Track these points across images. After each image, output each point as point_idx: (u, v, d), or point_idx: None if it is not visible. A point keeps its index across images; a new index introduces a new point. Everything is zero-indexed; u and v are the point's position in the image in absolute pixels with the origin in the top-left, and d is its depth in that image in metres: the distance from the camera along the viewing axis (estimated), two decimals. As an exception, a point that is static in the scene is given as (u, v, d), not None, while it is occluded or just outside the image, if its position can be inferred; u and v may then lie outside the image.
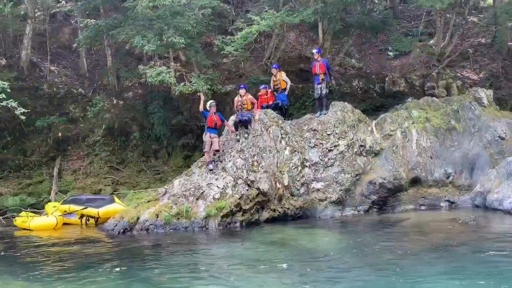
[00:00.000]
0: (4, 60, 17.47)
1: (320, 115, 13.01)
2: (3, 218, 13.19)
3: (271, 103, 13.23)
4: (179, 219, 10.64)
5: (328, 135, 12.45)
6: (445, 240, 8.50)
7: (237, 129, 12.07)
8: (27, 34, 17.07)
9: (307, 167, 12.13)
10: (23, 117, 13.64)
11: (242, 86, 12.64)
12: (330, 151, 12.26)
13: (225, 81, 17.32)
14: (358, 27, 16.55)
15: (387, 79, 17.06)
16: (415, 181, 12.41)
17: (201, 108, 11.76)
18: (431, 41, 18.50)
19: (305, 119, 13.18)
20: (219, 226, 10.58)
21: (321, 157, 12.18)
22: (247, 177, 11.22)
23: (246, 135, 11.94)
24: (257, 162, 11.52)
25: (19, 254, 9.02)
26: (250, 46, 17.73)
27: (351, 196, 12.02)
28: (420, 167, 12.46)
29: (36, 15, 18.40)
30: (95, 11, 18.14)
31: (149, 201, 11.28)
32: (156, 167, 16.27)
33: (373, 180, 12.05)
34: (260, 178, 11.27)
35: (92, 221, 12.29)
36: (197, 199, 10.96)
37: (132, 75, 16.79)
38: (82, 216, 12.37)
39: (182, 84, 14.55)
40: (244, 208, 10.96)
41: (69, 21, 20.31)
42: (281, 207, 11.52)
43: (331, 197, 11.81)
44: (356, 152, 12.43)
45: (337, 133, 12.45)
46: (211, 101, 11.96)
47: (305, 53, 18.25)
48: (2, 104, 13.08)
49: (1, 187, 14.85)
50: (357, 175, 12.15)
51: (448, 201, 12.26)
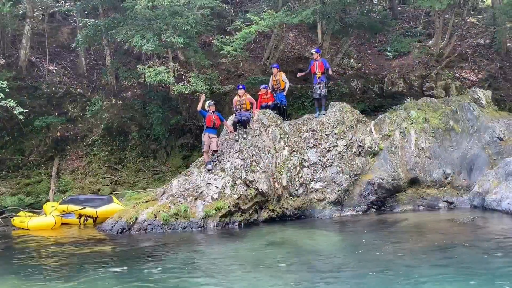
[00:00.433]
0: (2, 59, 17.43)
1: (319, 115, 13.01)
2: (1, 218, 13.19)
3: (270, 103, 13.25)
4: (177, 219, 10.63)
5: (326, 135, 12.45)
6: (443, 240, 8.50)
7: (235, 129, 12.07)
8: (26, 33, 17.04)
9: (305, 167, 12.13)
10: (21, 117, 13.65)
11: (240, 86, 12.63)
12: (328, 151, 12.27)
13: (224, 81, 17.32)
14: (357, 28, 16.57)
15: (386, 79, 17.07)
16: (414, 182, 12.42)
17: (199, 107, 11.73)
18: (430, 42, 18.52)
19: (304, 119, 13.19)
20: (217, 226, 10.58)
21: (319, 158, 12.18)
22: (245, 177, 11.21)
23: (245, 135, 11.94)
24: (256, 162, 11.52)
25: (17, 254, 9.01)
26: (249, 46, 17.76)
27: (349, 196, 12.03)
28: (418, 167, 12.47)
29: (35, 14, 18.37)
30: (94, 11, 18.13)
31: (147, 201, 11.28)
32: (154, 167, 16.26)
33: (372, 180, 12.06)
34: (258, 178, 11.27)
35: (90, 221, 12.28)
36: (196, 199, 10.96)
37: (131, 75, 16.77)
38: (80, 216, 12.36)
39: (181, 84, 14.56)
40: (242, 208, 10.96)
41: (68, 20, 20.29)
42: (280, 207, 11.52)
43: (329, 198, 11.81)
44: (354, 152, 12.44)
45: (335, 134, 12.45)
46: (209, 101, 11.96)
47: (304, 53, 18.26)
48: (0, 103, 13.07)
49: (0, 187, 14.84)
50: (355, 175, 12.15)
51: (446, 201, 12.27)
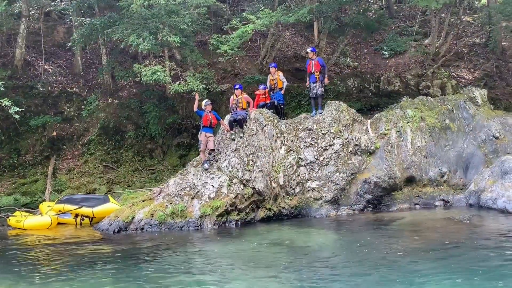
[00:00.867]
0: (-2, 58, 17.39)
1: (315, 114, 13.02)
2: (-3, 217, 13.14)
3: (267, 102, 13.26)
4: (174, 218, 10.62)
5: (323, 134, 12.47)
6: (439, 238, 8.53)
7: (232, 128, 12.06)
8: (22, 32, 16.97)
9: (302, 166, 12.15)
10: (17, 116, 13.62)
11: (237, 86, 12.63)
12: (325, 150, 12.28)
13: (220, 80, 17.31)
14: (353, 27, 16.60)
15: (382, 78, 17.11)
16: (410, 180, 12.45)
17: (195, 108, 11.71)
18: (426, 41, 18.58)
19: (301, 118, 13.20)
20: (214, 225, 10.57)
21: (316, 156, 12.20)
22: (242, 177, 11.21)
23: (241, 134, 11.94)
24: (253, 161, 11.52)
25: (13, 254, 8.97)
26: (245, 45, 17.76)
27: (346, 195, 12.04)
28: (414, 166, 12.50)
29: (30, 13, 18.30)
30: (90, 10, 18.08)
31: (144, 201, 11.26)
32: (151, 166, 16.24)
33: (368, 179, 12.08)
34: (255, 177, 11.27)
35: (86, 220, 12.25)
36: (192, 198, 10.95)
37: (127, 74, 16.74)
38: (76, 215, 12.33)
39: (177, 83, 14.53)
40: (239, 207, 10.96)
41: (64, 19, 20.22)
42: (277, 206, 11.53)
43: (326, 196, 11.83)
44: (351, 151, 12.46)
45: (332, 133, 12.46)
46: (206, 100, 11.94)
47: (300, 52, 18.28)
48: (-4, 103, 13.03)
49: (-5, 186, 14.81)
50: (352, 174, 12.17)
51: (442, 200, 12.30)
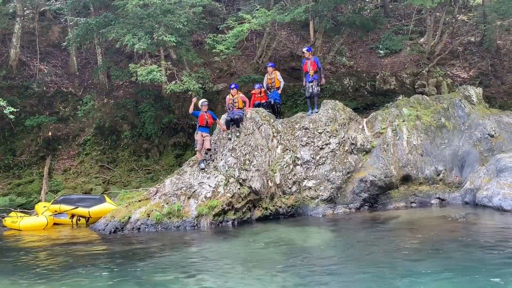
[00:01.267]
0: (-8, 58, 17.31)
1: (311, 113, 13.04)
2: (-8, 218, 13.07)
3: (263, 102, 13.25)
4: (170, 218, 10.61)
5: (319, 133, 12.48)
6: (435, 236, 8.56)
7: (228, 128, 12.06)
8: (16, 32, 16.90)
9: (298, 165, 12.16)
10: (12, 117, 13.55)
11: (233, 85, 12.61)
12: (321, 149, 12.30)
13: (216, 79, 17.30)
14: (349, 26, 16.62)
15: (377, 77, 17.14)
16: (406, 179, 12.48)
17: (191, 110, 11.61)
18: (421, 40, 18.63)
19: (297, 117, 13.21)
20: (211, 225, 10.57)
21: (312, 155, 12.21)
22: (239, 176, 11.21)
23: (237, 134, 11.93)
24: (249, 160, 11.52)
25: (8, 255, 8.94)
26: (241, 44, 17.75)
27: (342, 194, 12.06)
28: (410, 164, 12.54)
29: (25, 13, 18.22)
30: (85, 9, 18.03)
31: (140, 201, 11.24)
32: (147, 166, 16.22)
33: (364, 178, 12.10)
34: (252, 176, 11.27)
35: (83, 220, 12.22)
36: (189, 198, 10.94)
37: (122, 74, 16.71)
38: (72, 216, 12.29)
39: (173, 82, 14.51)
40: (236, 206, 10.96)
41: (59, 19, 20.14)
42: (273, 206, 11.54)
43: (322, 195, 11.84)
44: (347, 150, 12.48)
45: (328, 131, 12.48)
46: (202, 100, 11.92)
47: (296, 51, 18.29)
48: (-10, 103, 12.96)
49: (-9, 187, 14.74)
50: (348, 173, 12.19)
51: (438, 198, 12.34)
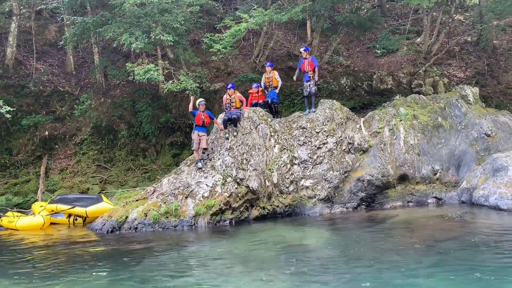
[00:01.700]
0: (-12, 58, 17.23)
1: (308, 112, 13.05)
2: (-11, 218, 13.01)
3: (261, 101, 13.26)
4: (168, 217, 10.60)
5: (316, 132, 12.50)
6: (432, 236, 8.59)
7: (226, 127, 12.06)
8: (13, 31, 16.83)
9: (296, 164, 12.17)
10: (8, 116, 13.50)
11: (229, 85, 12.59)
12: (318, 148, 12.32)
13: (213, 78, 17.29)
14: (346, 25, 16.65)
15: (374, 76, 17.18)
16: (403, 178, 12.52)
17: (190, 108, 11.65)
18: (418, 39, 18.67)
19: (294, 117, 13.23)
20: (208, 224, 10.57)
21: (310, 155, 12.23)
22: (236, 175, 11.22)
23: (235, 133, 11.94)
24: (246, 160, 11.53)
25: (5, 255, 8.91)
26: (238, 44, 17.74)
27: (339, 193, 12.09)
28: (407, 164, 12.58)
29: (21, 12, 18.14)
30: (81, 8, 17.98)
31: (137, 200, 11.22)
32: (144, 165, 16.19)
33: (362, 177, 12.13)
34: (249, 176, 11.28)
35: (80, 220, 12.20)
36: (186, 197, 10.93)
37: (119, 73, 16.66)
38: (69, 215, 12.27)
39: (170, 82, 14.49)
40: (233, 206, 10.96)
41: (55, 18, 20.08)
42: (271, 205, 11.55)
43: (319, 195, 11.86)
44: (344, 149, 12.50)
45: (325, 131, 12.50)
46: (200, 100, 11.91)
47: (293, 51, 18.30)
48: (-13, 102, 12.92)
49: (-13, 187, 14.68)
50: (345, 172, 12.22)
51: (435, 197, 12.39)
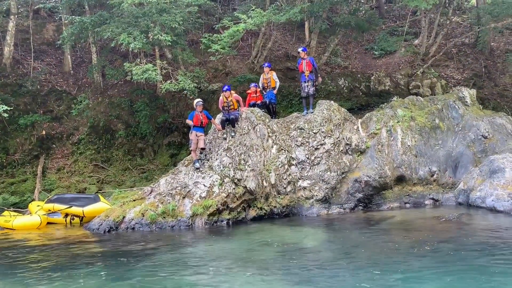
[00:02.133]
0: (-14, 57, 17.17)
1: (306, 113, 13.07)
2: (-15, 217, 12.96)
3: (259, 102, 13.25)
4: (165, 218, 10.59)
5: (314, 133, 12.51)
6: (429, 237, 8.61)
7: (224, 128, 12.05)
8: (10, 30, 16.79)
9: (293, 165, 12.18)
10: (6, 115, 13.47)
11: (226, 88, 12.16)
12: (316, 149, 12.33)
13: (211, 79, 17.30)
14: (344, 26, 16.66)
15: (372, 78, 17.21)
16: (400, 179, 12.54)
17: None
18: (416, 41, 18.73)
19: (292, 117, 13.24)
20: (205, 224, 10.56)
21: (307, 156, 12.24)
22: (234, 176, 11.21)
23: (233, 134, 11.93)
24: (244, 160, 11.52)
25: (1, 254, 8.87)
26: (237, 44, 17.75)
27: (337, 194, 12.10)
28: (405, 165, 12.60)
29: (19, 11, 18.10)
30: (80, 8, 17.95)
31: (135, 200, 11.21)
32: (141, 165, 16.17)
33: (359, 178, 12.15)
34: (247, 176, 11.28)
35: (77, 220, 12.16)
36: (184, 197, 10.92)
37: (117, 73, 16.63)
38: (66, 215, 12.23)
39: (168, 82, 14.47)
40: (230, 206, 10.96)
41: (53, 17, 20.04)
42: (268, 205, 11.54)
43: (317, 195, 11.87)
44: (342, 150, 12.52)
45: (323, 132, 12.51)
46: (197, 100, 11.88)
47: (291, 52, 18.32)
48: (-16, 101, 12.88)
49: (-17, 186, 14.62)
50: (343, 173, 12.23)
51: (432, 198, 12.41)
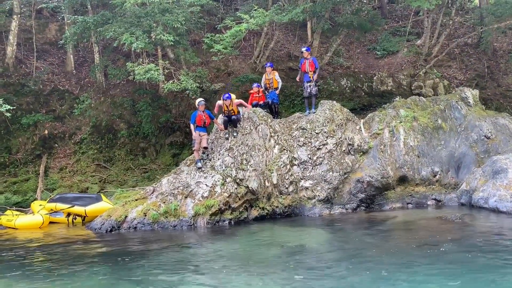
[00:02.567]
0: (-11, 56, 17.21)
1: (308, 113, 13.05)
2: (-13, 216, 12.99)
3: (261, 102, 13.24)
4: (167, 217, 10.59)
5: (316, 133, 12.49)
6: (431, 237, 8.59)
7: (226, 128, 12.05)
8: (13, 30, 16.81)
9: (295, 165, 12.16)
10: (8, 114, 13.50)
11: (226, 96, 11.90)
12: (318, 149, 12.31)
13: (214, 79, 17.29)
14: (346, 26, 16.64)
15: (375, 78, 17.19)
16: (403, 180, 12.52)
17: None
18: (419, 41, 18.68)
19: (294, 117, 13.22)
20: (207, 224, 10.56)
21: (309, 156, 12.22)
22: (236, 176, 11.21)
23: (235, 134, 11.93)
24: (246, 160, 11.52)
25: (4, 254, 8.88)
26: (239, 44, 17.74)
27: (339, 194, 12.08)
28: (407, 165, 12.58)
29: (22, 10, 18.13)
30: (82, 8, 17.97)
31: (137, 200, 11.21)
32: (144, 165, 16.17)
33: (361, 178, 12.13)
34: (249, 176, 11.27)
35: (79, 219, 12.18)
36: (186, 197, 10.93)
37: (120, 73, 16.64)
38: (68, 214, 12.25)
39: (170, 81, 14.48)
40: (232, 206, 10.95)
41: (56, 17, 20.07)
42: (270, 205, 11.54)
43: (319, 196, 11.86)
44: (344, 150, 12.50)
45: (325, 132, 12.50)
46: (199, 99, 11.88)
47: (294, 52, 18.31)
48: (-13, 101, 12.90)
49: (-14, 185, 14.65)
50: (345, 173, 12.21)
51: (434, 199, 12.39)
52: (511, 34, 20.07)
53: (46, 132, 16.19)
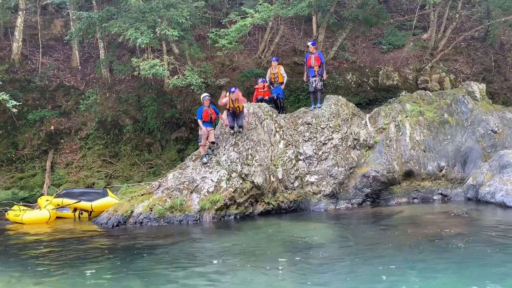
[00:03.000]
0: (-5, 52, 17.28)
1: (314, 108, 13.01)
2: (-5, 211, 13.10)
3: (266, 97, 13.22)
4: (173, 212, 10.62)
5: (322, 128, 12.46)
6: (438, 232, 8.55)
7: (231, 123, 12.01)
8: (18, 26, 16.85)
9: (301, 160, 12.15)
10: (14, 110, 13.55)
11: (233, 90, 11.60)
12: (324, 144, 12.28)
13: (218, 74, 17.27)
14: (352, 21, 16.53)
15: (380, 72, 17.09)
16: (409, 174, 12.47)
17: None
18: (425, 35, 18.54)
19: (299, 112, 13.19)
20: (213, 219, 10.58)
21: (315, 151, 12.20)
22: (241, 171, 11.21)
23: (240, 129, 11.91)
24: (251, 155, 11.51)
25: (11, 248, 8.95)
26: (244, 39, 17.69)
27: (344, 189, 12.06)
28: (413, 160, 12.52)
29: (27, 7, 18.16)
30: (87, 3, 17.99)
31: (143, 195, 11.24)
32: (149, 160, 16.22)
33: (367, 173, 12.10)
34: (254, 171, 11.27)
35: (85, 214, 12.25)
36: (191, 192, 10.94)
37: (125, 68, 16.67)
38: (75, 209, 12.32)
39: (175, 77, 14.48)
40: (238, 201, 10.96)
41: (61, 13, 20.10)
42: (275, 200, 11.54)
43: (324, 190, 11.84)
44: (350, 145, 12.46)
45: (331, 127, 12.46)
46: (204, 94, 11.89)
47: (299, 46, 18.23)
48: (-7, 97, 12.95)
49: (-7, 180, 14.75)
50: (350, 168, 12.18)
51: (441, 194, 12.34)
52: (518, 27, 19.87)
53: (52, 127, 16.26)
